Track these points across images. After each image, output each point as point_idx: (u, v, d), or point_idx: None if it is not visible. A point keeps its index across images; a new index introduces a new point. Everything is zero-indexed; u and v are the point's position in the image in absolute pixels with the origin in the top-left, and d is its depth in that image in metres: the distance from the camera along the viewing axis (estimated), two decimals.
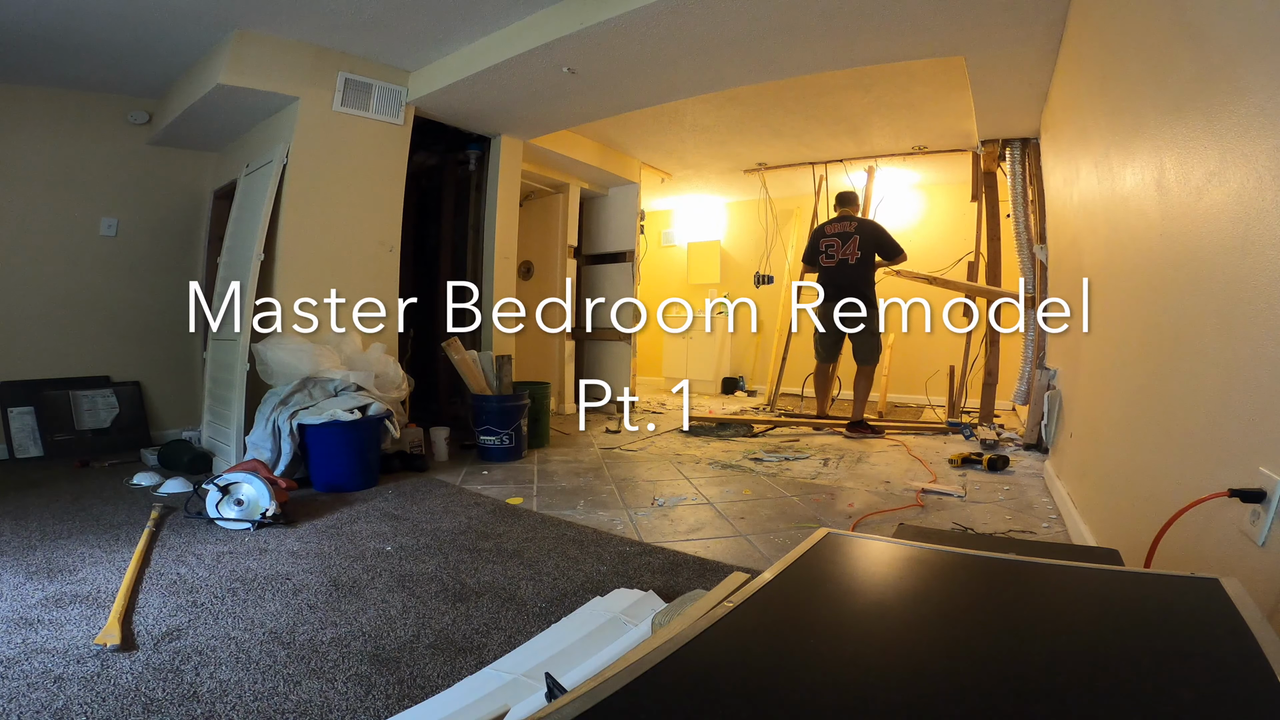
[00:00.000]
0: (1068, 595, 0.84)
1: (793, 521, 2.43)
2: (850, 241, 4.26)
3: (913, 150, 4.86)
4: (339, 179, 3.26)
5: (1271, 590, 0.86)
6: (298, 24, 2.89)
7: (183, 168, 3.89)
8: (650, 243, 6.97)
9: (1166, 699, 0.57)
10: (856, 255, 4.22)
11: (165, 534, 2.18)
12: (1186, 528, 1.10)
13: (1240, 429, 1.00)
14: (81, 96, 3.51)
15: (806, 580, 0.84)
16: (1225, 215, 1.04)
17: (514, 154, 4.15)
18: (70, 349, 3.58)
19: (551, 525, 2.35)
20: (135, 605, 1.63)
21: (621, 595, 1.64)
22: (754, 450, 3.73)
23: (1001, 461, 3.19)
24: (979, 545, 1.05)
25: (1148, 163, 1.46)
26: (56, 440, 3.39)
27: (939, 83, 3.53)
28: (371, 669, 1.35)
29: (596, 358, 5.50)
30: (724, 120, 4.35)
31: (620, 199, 5.39)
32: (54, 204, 3.48)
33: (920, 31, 2.59)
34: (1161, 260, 1.39)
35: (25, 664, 1.33)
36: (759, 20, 2.53)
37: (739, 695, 0.59)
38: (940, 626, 0.75)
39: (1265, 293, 0.91)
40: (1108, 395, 1.93)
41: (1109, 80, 1.86)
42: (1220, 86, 1.06)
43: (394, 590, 1.76)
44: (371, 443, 2.88)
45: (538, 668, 1.26)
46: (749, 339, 6.88)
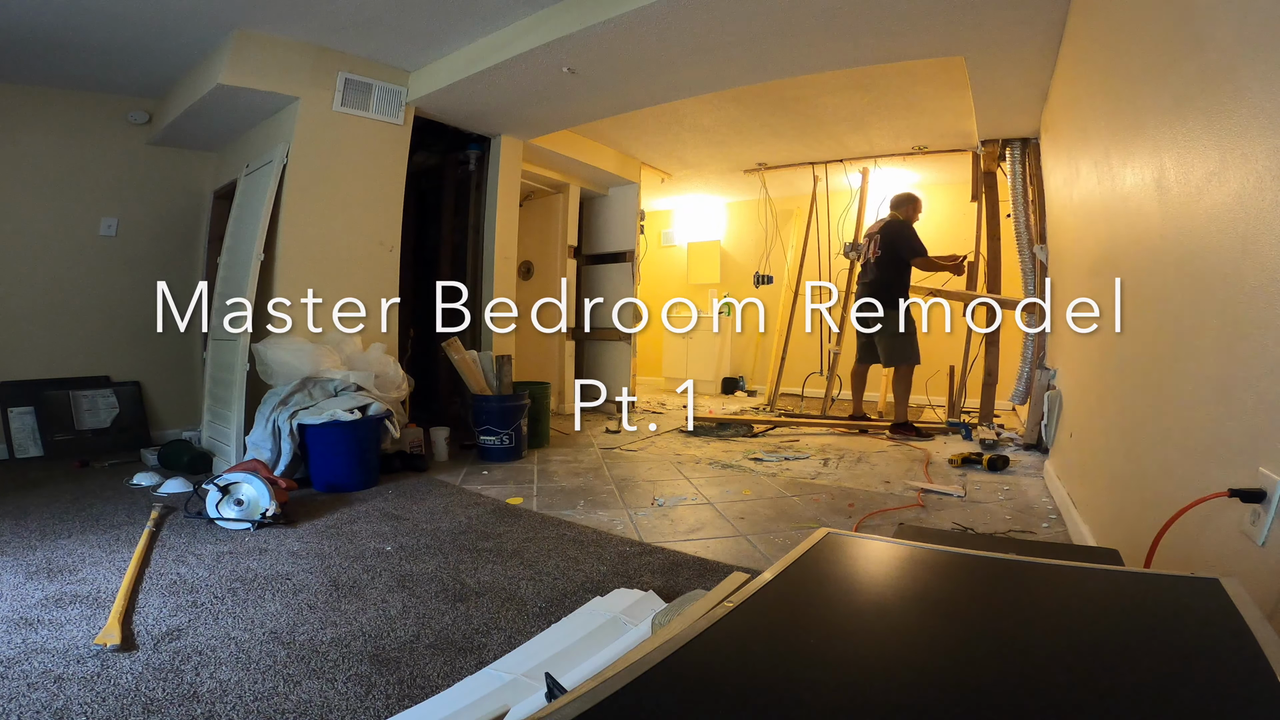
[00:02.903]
0: (1068, 595, 0.84)
1: (793, 521, 2.43)
2: (873, 241, 4.25)
3: (913, 150, 4.85)
4: (339, 179, 3.26)
5: (1271, 590, 0.86)
6: (298, 24, 2.89)
7: (183, 168, 3.89)
8: (650, 243, 6.97)
9: (1166, 699, 0.57)
10: (877, 254, 4.19)
11: (165, 534, 2.18)
12: (1186, 528, 1.10)
13: (1240, 429, 1.00)
14: (81, 96, 3.51)
15: (806, 580, 0.84)
16: (1225, 215, 1.04)
17: (514, 154, 4.15)
18: (70, 349, 3.58)
19: (551, 525, 2.35)
20: (135, 605, 1.63)
21: (621, 595, 1.64)
22: (754, 450, 3.73)
23: (1001, 461, 3.19)
24: (979, 545, 1.05)
25: (1148, 162, 1.46)
26: (56, 440, 3.39)
27: (939, 83, 3.53)
28: (371, 669, 1.35)
29: (596, 358, 5.50)
30: (724, 120, 4.35)
31: (620, 199, 5.38)
32: (54, 204, 3.49)
33: (920, 31, 2.59)
34: (1161, 260, 1.39)
35: (25, 664, 1.33)
36: (759, 20, 2.53)
37: (739, 695, 0.59)
38: (940, 626, 0.75)
39: (1265, 292, 0.91)
40: (1107, 395, 1.93)
41: (1109, 80, 1.86)
42: (1220, 86, 1.06)
43: (394, 590, 1.75)
44: (371, 443, 2.88)
45: (538, 668, 1.26)
46: (749, 339, 6.88)
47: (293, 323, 3.10)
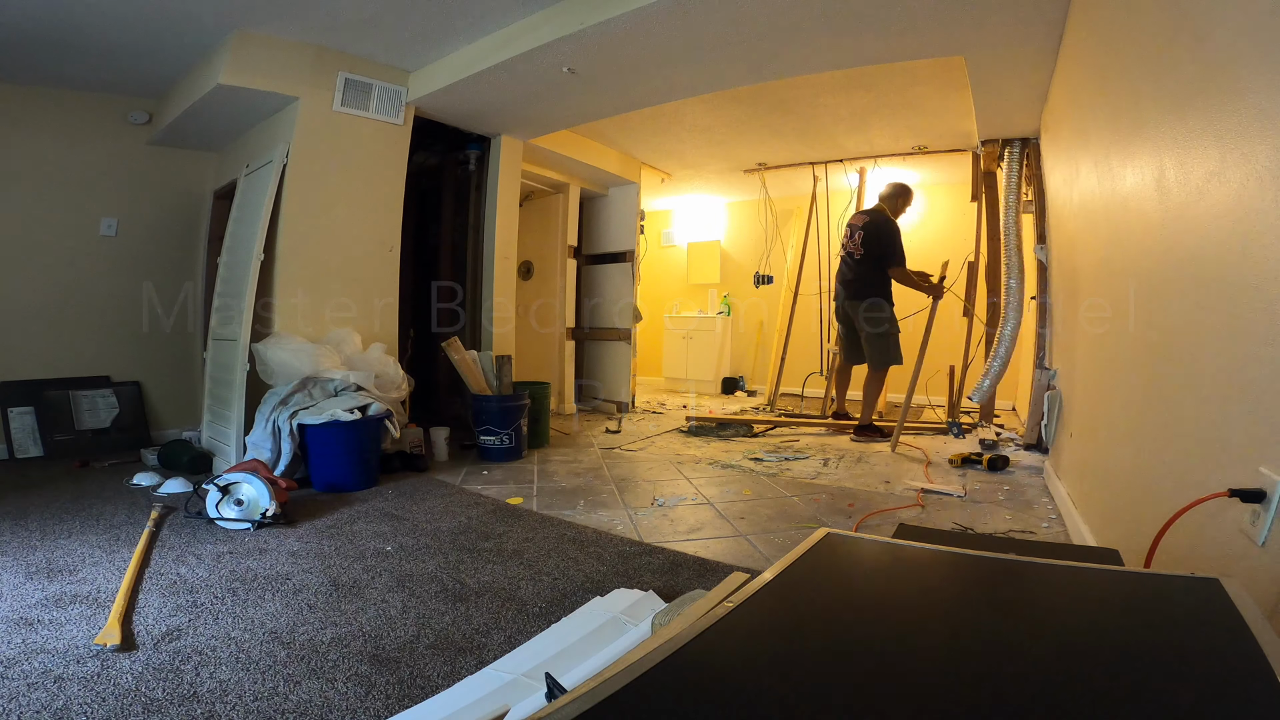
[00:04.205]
0: (1068, 595, 0.84)
1: (793, 521, 2.43)
2: (856, 236, 4.11)
3: (913, 150, 4.86)
4: (339, 179, 3.26)
5: (1271, 590, 0.86)
6: (298, 24, 2.89)
7: (183, 168, 3.89)
8: (650, 243, 6.97)
9: (1166, 699, 0.57)
10: (860, 252, 4.08)
11: (165, 534, 2.18)
12: (1186, 528, 1.10)
13: (1240, 429, 1.00)
14: (81, 96, 3.51)
15: (806, 580, 0.84)
16: (1225, 215, 1.04)
17: (514, 154, 4.15)
18: (70, 349, 3.58)
19: (551, 525, 2.35)
20: (135, 605, 1.63)
21: (621, 595, 1.64)
22: (754, 450, 3.73)
23: (1001, 461, 3.19)
24: (979, 545, 1.05)
25: (1148, 163, 1.46)
26: (56, 440, 3.39)
27: (939, 83, 3.53)
28: (371, 669, 1.35)
29: (596, 358, 5.50)
30: (724, 120, 4.35)
31: (620, 199, 5.39)
32: (54, 204, 3.49)
33: (920, 31, 2.59)
34: (1161, 260, 1.39)
35: (25, 664, 1.33)
36: (759, 20, 2.53)
37: (739, 695, 0.59)
38: (940, 626, 0.75)
39: (1265, 292, 0.90)
40: (1107, 395, 1.93)
41: (1109, 80, 1.86)
42: (1220, 86, 1.06)
43: (394, 590, 1.75)
44: (371, 443, 2.88)
45: (538, 668, 1.26)
46: (749, 339, 6.88)
47: (293, 323, 3.10)
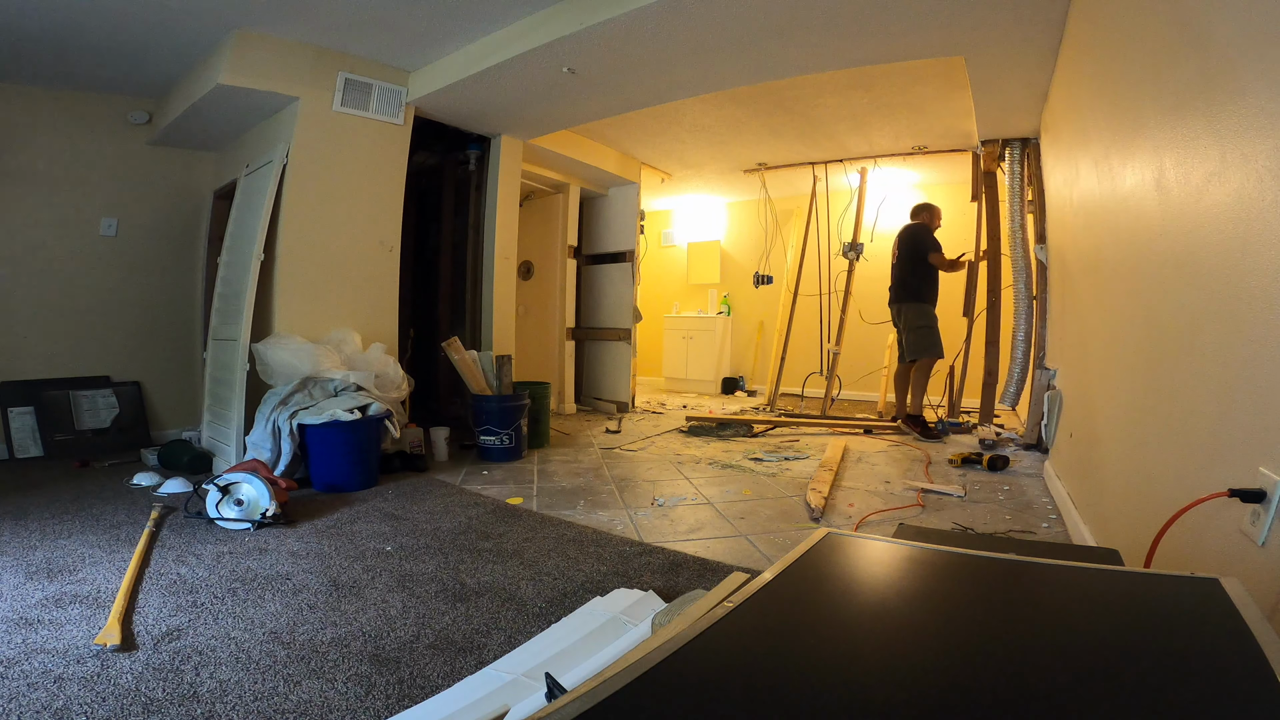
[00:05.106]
0: (1068, 595, 0.84)
1: (793, 521, 2.43)
2: (895, 244, 4.41)
3: (913, 150, 4.86)
4: (339, 179, 3.26)
5: (1271, 590, 0.86)
6: (298, 24, 2.89)
7: (183, 168, 3.90)
8: (650, 243, 6.97)
9: (1166, 699, 0.57)
10: (896, 255, 4.37)
11: (165, 534, 2.18)
12: (1186, 528, 1.10)
13: (1240, 429, 1.00)
14: (81, 96, 3.51)
15: (806, 580, 0.84)
16: (1225, 215, 1.04)
17: (514, 154, 4.15)
18: (70, 349, 3.58)
19: (551, 525, 2.35)
20: (135, 605, 1.63)
21: (621, 595, 1.64)
22: (754, 450, 3.73)
23: (1001, 461, 3.19)
24: (979, 545, 1.05)
25: (1148, 163, 1.46)
26: (56, 440, 3.39)
27: (939, 83, 3.53)
28: (371, 669, 1.35)
29: (596, 358, 5.50)
30: (724, 120, 4.35)
31: (620, 199, 5.39)
32: (54, 204, 3.49)
33: (920, 31, 2.59)
34: (1162, 260, 1.39)
35: (25, 664, 1.33)
36: (759, 20, 2.53)
37: (739, 695, 0.59)
38: (940, 626, 0.75)
39: (1265, 292, 0.91)
40: (1108, 395, 1.93)
41: (1109, 80, 1.86)
42: (1220, 86, 1.06)
43: (394, 590, 1.75)
44: (371, 443, 2.88)
45: (538, 668, 1.26)
46: (749, 339, 6.88)
47: (292, 322, 3.10)
